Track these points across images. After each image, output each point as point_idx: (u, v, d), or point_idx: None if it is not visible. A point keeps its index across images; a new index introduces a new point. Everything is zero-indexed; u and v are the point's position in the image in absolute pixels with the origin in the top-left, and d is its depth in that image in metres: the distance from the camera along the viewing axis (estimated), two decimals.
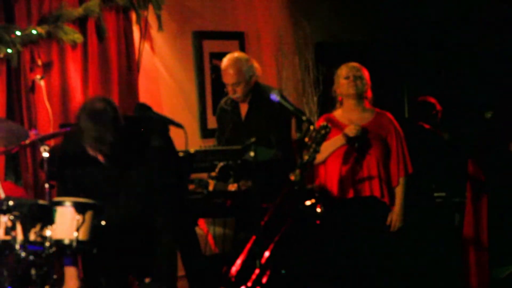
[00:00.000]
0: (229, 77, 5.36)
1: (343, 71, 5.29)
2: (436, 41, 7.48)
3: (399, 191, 5.19)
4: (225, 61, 5.40)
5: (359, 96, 5.25)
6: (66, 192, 4.36)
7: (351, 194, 5.18)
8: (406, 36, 7.57)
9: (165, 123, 4.40)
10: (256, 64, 5.44)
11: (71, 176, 4.32)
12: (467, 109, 5.24)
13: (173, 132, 4.46)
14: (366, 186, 5.18)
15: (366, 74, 5.30)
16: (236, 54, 5.49)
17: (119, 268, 4.33)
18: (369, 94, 5.30)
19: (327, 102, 5.35)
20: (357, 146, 5.18)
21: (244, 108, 5.44)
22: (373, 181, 5.16)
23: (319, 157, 4.99)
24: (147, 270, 4.23)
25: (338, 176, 5.21)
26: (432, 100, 6.67)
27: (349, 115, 5.26)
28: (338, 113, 5.31)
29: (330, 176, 5.24)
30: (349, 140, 5.13)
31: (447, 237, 5.72)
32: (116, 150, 3.99)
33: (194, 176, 5.19)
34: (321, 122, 4.90)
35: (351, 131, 5.12)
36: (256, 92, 5.41)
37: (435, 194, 6.14)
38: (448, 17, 7.43)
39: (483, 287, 5.34)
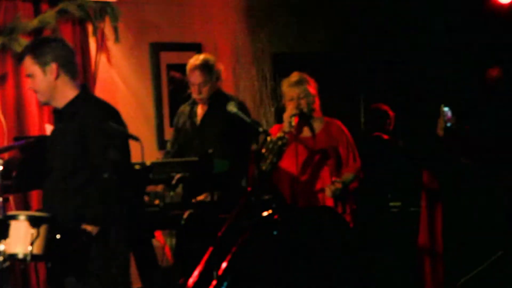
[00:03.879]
0: (194, 77, 5.36)
1: (286, 91, 5.28)
2: (391, 49, 7.55)
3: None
4: (194, 61, 5.40)
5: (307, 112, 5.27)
6: None
7: (302, 203, 5.21)
8: (362, 46, 7.64)
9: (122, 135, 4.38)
10: (221, 68, 5.46)
11: None
12: (422, 118, 5.30)
13: (131, 144, 4.44)
14: (319, 196, 5.21)
15: (311, 86, 5.30)
16: (203, 54, 5.50)
17: None
18: (317, 103, 5.31)
19: (281, 113, 5.36)
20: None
21: (201, 112, 5.45)
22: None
23: None
24: None
25: (290, 184, 5.24)
26: (385, 107, 6.74)
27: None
28: None
29: (282, 183, 5.26)
30: None
31: (403, 246, 5.77)
32: None
33: (150, 188, 5.17)
34: (278, 133, 4.93)
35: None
36: (216, 97, 5.42)
37: (391, 204, 6.20)
38: (403, 24, 7.51)
39: None
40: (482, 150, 5.29)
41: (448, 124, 5.08)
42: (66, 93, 4.17)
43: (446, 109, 5.09)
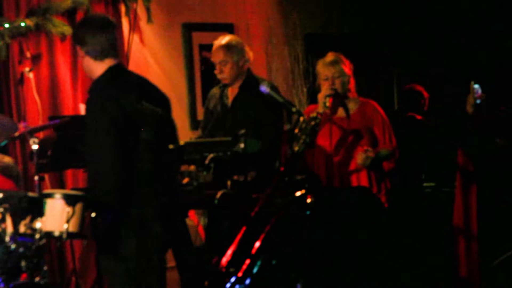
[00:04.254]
0: (216, 55, 5.38)
1: (321, 71, 5.26)
2: (426, 30, 7.48)
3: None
4: (216, 41, 5.42)
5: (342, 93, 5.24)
6: None
7: (337, 183, 5.19)
8: (395, 26, 7.57)
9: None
10: (248, 50, 5.44)
11: None
12: (457, 97, 5.24)
13: None
14: (353, 177, 5.20)
15: (346, 66, 5.28)
16: (228, 36, 5.50)
17: None
18: (352, 84, 5.29)
19: (317, 93, 5.34)
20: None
21: (232, 94, 5.45)
22: (361, 172, 5.18)
23: None
24: None
25: (325, 164, 5.22)
26: (419, 87, 6.68)
27: None
28: None
29: (317, 165, 5.25)
30: None
31: (437, 227, 5.73)
32: None
33: (184, 168, 5.18)
34: (311, 114, 4.91)
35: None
36: (247, 79, 5.42)
37: (425, 184, 6.16)
38: (438, 5, 7.43)
39: (473, 276, 5.36)
40: None
41: (478, 101, 5.03)
42: None
43: (476, 86, 5.03)
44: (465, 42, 7.25)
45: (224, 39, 5.40)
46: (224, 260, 4.32)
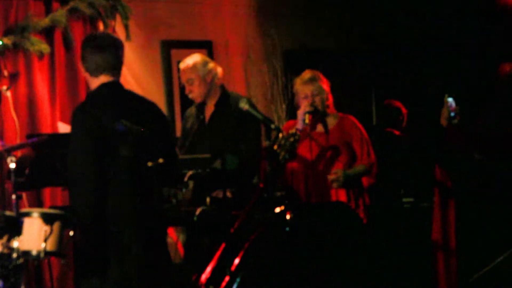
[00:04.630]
0: (183, 75, 5.42)
1: (299, 88, 5.28)
2: (403, 46, 7.53)
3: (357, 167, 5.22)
4: (182, 62, 5.46)
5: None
6: None
7: (316, 199, 5.21)
8: (373, 42, 7.62)
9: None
10: (215, 66, 5.45)
11: None
12: (433, 112, 5.28)
13: None
14: (332, 192, 5.21)
15: (324, 82, 5.30)
16: (194, 55, 5.52)
17: None
18: (330, 100, 5.32)
19: (296, 110, 5.36)
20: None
21: (209, 111, 5.46)
22: (340, 188, 5.19)
23: None
24: None
25: (304, 180, 5.24)
26: (397, 103, 6.72)
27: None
28: None
29: (296, 181, 5.26)
30: None
31: (416, 242, 5.75)
32: None
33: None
34: (290, 130, 4.93)
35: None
36: (222, 96, 5.43)
37: (404, 200, 6.18)
38: (413, 18, 7.48)
39: None
40: (496, 146, 5.26)
41: (452, 114, 5.06)
42: None
43: (450, 99, 5.07)
44: (442, 57, 7.30)
45: (189, 58, 5.44)
46: (204, 277, 4.31)
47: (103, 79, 4.18)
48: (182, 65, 5.44)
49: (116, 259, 4.05)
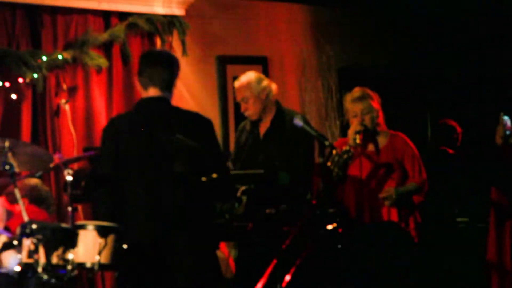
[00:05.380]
0: (237, 94, 5.42)
1: (349, 107, 5.24)
2: (459, 63, 7.46)
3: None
4: (237, 79, 5.46)
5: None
6: None
7: (367, 217, 5.17)
8: (429, 59, 7.57)
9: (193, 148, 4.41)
10: (269, 83, 5.44)
11: None
12: (490, 133, 5.20)
13: None
14: (384, 211, 5.17)
15: (374, 100, 5.26)
16: (249, 72, 5.54)
17: None
18: (381, 117, 5.27)
19: (347, 128, 5.34)
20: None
21: (264, 127, 5.47)
22: (391, 206, 5.15)
23: None
24: None
25: (355, 198, 5.21)
26: (453, 123, 6.66)
27: None
28: None
29: (347, 198, 5.23)
30: None
31: (471, 262, 5.67)
32: None
33: None
34: (344, 147, 4.92)
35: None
36: (278, 112, 5.43)
37: (458, 219, 6.11)
38: (472, 38, 7.41)
39: None
40: None
41: (508, 132, 4.99)
42: None
43: (505, 117, 5.00)
44: (499, 75, 7.21)
45: (243, 76, 5.44)
46: None
47: (152, 92, 4.25)
48: (236, 84, 5.44)
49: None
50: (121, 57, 6.19)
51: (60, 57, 5.82)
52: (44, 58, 5.74)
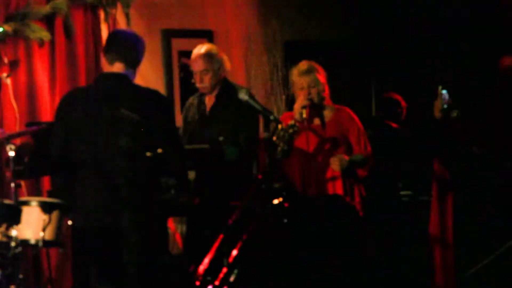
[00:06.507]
0: (198, 65, 5.37)
1: (296, 80, 5.26)
2: (403, 37, 7.53)
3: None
4: (196, 50, 5.42)
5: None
6: None
7: (313, 191, 5.21)
8: (374, 33, 7.61)
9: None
10: (225, 57, 5.45)
11: None
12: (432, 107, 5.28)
13: None
14: (329, 185, 5.21)
15: (321, 74, 5.28)
16: (207, 44, 5.51)
17: None
18: (327, 91, 5.30)
19: (292, 102, 5.36)
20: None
21: (210, 102, 5.46)
22: (337, 180, 5.20)
23: None
24: None
25: (301, 172, 5.24)
26: (397, 96, 6.72)
27: None
28: None
29: (292, 172, 5.26)
30: None
31: (413, 235, 5.77)
32: None
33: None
34: (289, 121, 4.93)
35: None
36: (224, 87, 5.42)
37: (402, 193, 6.19)
38: (413, 10, 7.48)
39: (449, 286, 5.39)
40: (495, 139, 5.27)
41: (445, 106, 5.07)
42: None
43: (444, 91, 5.08)
44: (443, 49, 7.30)
45: (204, 47, 5.40)
46: (201, 268, 4.33)
47: (116, 68, 4.28)
48: (196, 54, 5.38)
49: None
50: (64, 30, 6.08)
51: (0, 29, 5.70)
52: None
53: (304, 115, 5.09)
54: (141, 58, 4.36)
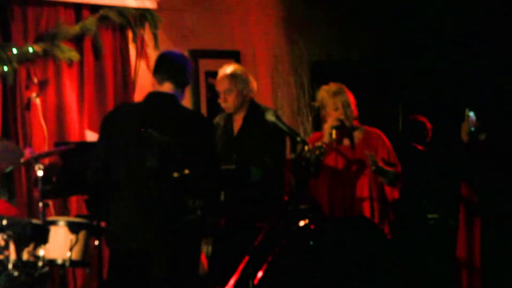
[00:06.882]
0: (221, 84, 5.38)
1: (327, 101, 5.25)
2: (431, 58, 7.51)
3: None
4: (222, 70, 5.43)
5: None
6: None
7: (340, 213, 5.18)
8: (401, 54, 7.60)
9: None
10: (252, 79, 5.45)
11: None
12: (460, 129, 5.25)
13: None
14: (356, 206, 5.19)
15: (350, 95, 5.29)
16: (233, 65, 5.52)
17: None
18: (355, 113, 5.30)
19: (322, 122, 5.35)
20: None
21: (237, 124, 5.46)
22: (364, 201, 5.18)
23: None
24: None
25: (328, 193, 5.22)
26: (423, 119, 6.69)
27: None
28: None
29: (320, 193, 5.25)
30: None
31: (441, 259, 5.72)
32: None
33: None
34: (316, 143, 4.92)
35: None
36: (251, 109, 5.42)
37: (429, 216, 6.15)
38: (442, 37, 7.46)
39: None
40: None
41: (473, 129, 5.03)
42: None
43: (471, 113, 5.05)
44: (472, 72, 7.26)
45: (229, 68, 5.41)
46: None
47: (165, 88, 4.32)
48: (221, 74, 5.39)
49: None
50: (92, 50, 6.14)
51: (30, 49, 5.77)
52: (15, 50, 5.68)
53: (334, 136, 5.09)
54: (189, 79, 4.42)
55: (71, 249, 4.25)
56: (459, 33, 7.34)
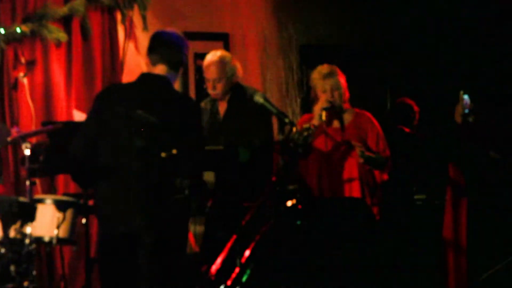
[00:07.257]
0: (211, 72, 5.36)
1: (318, 83, 5.26)
2: (419, 43, 7.52)
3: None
4: (209, 57, 5.41)
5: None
6: None
7: (329, 193, 5.20)
8: (389, 38, 7.61)
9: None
10: (238, 65, 5.44)
11: None
12: (448, 111, 5.26)
13: None
14: (346, 188, 5.20)
15: (342, 78, 5.28)
16: (220, 51, 5.51)
17: None
18: (347, 95, 5.30)
19: (310, 104, 5.36)
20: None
21: (223, 107, 5.46)
22: (353, 183, 5.19)
23: None
24: None
25: (317, 174, 5.23)
26: (410, 101, 6.70)
27: None
28: None
29: (309, 174, 5.26)
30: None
31: (427, 239, 5.75)
32: None
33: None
34: (304, 124, 4.93)
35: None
36: (236, 91, 5.42)
37: (416, 197, 6.17)
38: (430, 16, 7.46)
39: None
40: None
41: (467, 111, 5.05)
42: None
43: (465, 96, 5.06)
44: (459, 53, 7.27)
45: (217, 54, 5.39)
46: (214, 268, 4.33)
47: (158, 69, 4.26)
48: (210, 61, 5.38)
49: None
50: (80, 31, 6.13)
51: (18, 30, 5.75)
52: (2, 30, 5.67)
53: (324, 118, 5.09)
54: (185, 60, 4.34)
55: (58, 227, 4.25)
56: (453, 12, 7.34)
